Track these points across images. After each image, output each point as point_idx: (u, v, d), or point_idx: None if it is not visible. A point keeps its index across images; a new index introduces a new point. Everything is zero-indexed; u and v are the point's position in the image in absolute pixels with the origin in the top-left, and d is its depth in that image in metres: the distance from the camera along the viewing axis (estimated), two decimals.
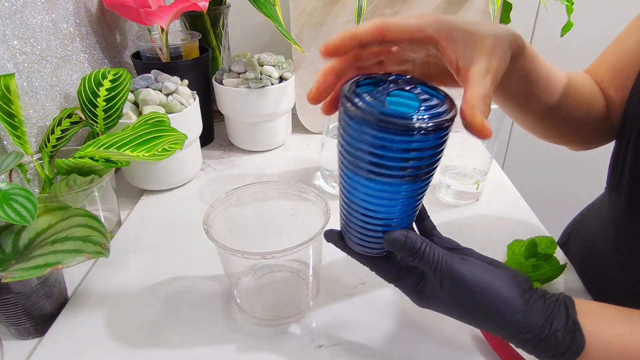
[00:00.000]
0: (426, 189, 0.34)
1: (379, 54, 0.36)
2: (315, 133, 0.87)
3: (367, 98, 0.30)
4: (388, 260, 0.37)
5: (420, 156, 0.30)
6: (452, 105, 0.31)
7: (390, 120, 0.28)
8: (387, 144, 0.29)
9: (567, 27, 0.78)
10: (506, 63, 0.34)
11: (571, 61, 1.21)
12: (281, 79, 0.76)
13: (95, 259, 0.52)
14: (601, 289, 0.49)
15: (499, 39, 0.33)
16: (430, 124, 0.29)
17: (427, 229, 0.40)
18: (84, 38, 0.69)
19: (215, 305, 0.48)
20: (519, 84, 0.40)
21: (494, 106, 0.57)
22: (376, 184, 0.32)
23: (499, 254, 0.53)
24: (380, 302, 0.48)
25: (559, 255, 0.55)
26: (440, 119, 0.29)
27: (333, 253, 0.55)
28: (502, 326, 0.33)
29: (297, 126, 0.88)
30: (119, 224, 0.62)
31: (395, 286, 0.37)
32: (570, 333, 0.31)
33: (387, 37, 0.32)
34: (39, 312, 0.45)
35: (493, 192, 0.68)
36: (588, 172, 1.15)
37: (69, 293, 0.50)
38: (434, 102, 0.31)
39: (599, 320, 0.32)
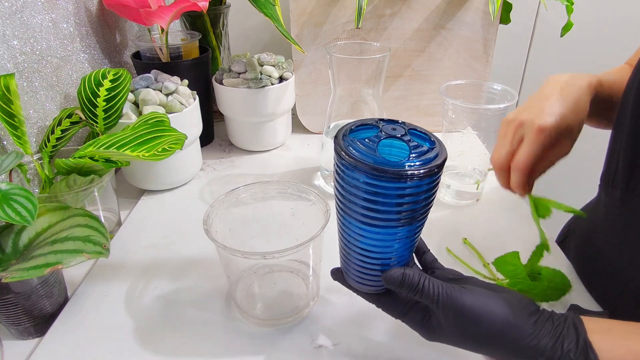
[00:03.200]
0: (422, 228, 0.35)
1: None
2: (315, 133, 0.87)
3: (360, 146, 0.31)
4: (392, 297, 0.37)
5: (414, 200, 0.31)
6: (442, 150, 0.32)
7: (382, 169, 0.29)
8: (381, 190, 0.30)
9: (567, 27, 0.78)
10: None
11: (571, 61, 1.22)
12: (281, 79, 0.76)
13: (95, 259, 0.52)
14: (600, 286, 0.49)
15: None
16: (421, 171, 0.30)
17: (429, 262, 0.41)
18: (84, 38, 0.69)
19: (215, 305, 0.48)
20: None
21: (494, 106, 0.57)
22: (372, 228, 0.33)
23: (499, 254, 0.53)
24: None
25: (558, 254, 0.55)
26: (431, 165, 0.30)
27: (333, 253, 0.55)
28: (513, 352, 0.33)
29: (297, 126, 0.88)
30: (119, 224, 0.62)
31: (402, 322, 0.37)
32: (582, 353, 0.31)
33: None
34: (39, 312, 0.45)
35: (493, 192, 0.68)
36: (586, 171, 1.15)
37: (69, 293, 0.50)
38: (424, 148, 0.32)
39: (611, 337, 0.32)
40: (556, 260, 0.54)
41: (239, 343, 0.44)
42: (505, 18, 0.81)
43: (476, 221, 0.62)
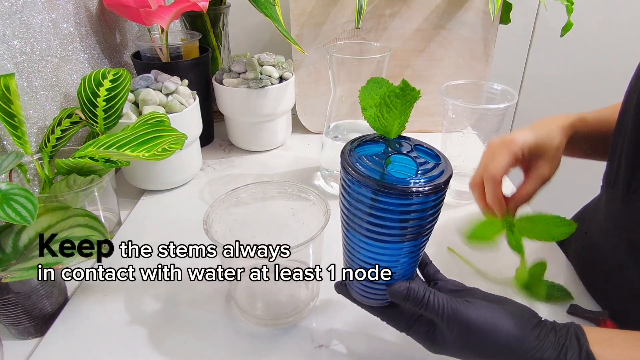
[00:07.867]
0: (427, 242, 0.35)
1: None
2: (315, 133, 0.87)
3: (367, 162, 0.31)
4: (397, 310, 0.38)
5: (420, 217, 0.31)
6: (448, 167, 0.32)
7: (389, 185, 0.30)
8: (387, 207, 0.30)
9: (567, 27, 0.78)
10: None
11: (571, 61, 1.22)
12: (281, 79, 0.76)
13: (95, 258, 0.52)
14: (600, 286, 0.49)
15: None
16: (427, 188, 0.30)
17: (431, 274, 0.41)
18: (84, 38, 0.69)
19: (215, 305, 0.48)
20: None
21: (494, 106, 0.57)
22: (377, 243, 0.33)
23: (498, 254, 0.53)
24: None
25: (558, 254, 0.55)
26: (436, 182, 0.30)
27: (333, 253, 0.55)
28: None
29: (297, 126, 0.88)
30: (119, 224, 0.62)
31: (407, 334, 0.38)
32: None
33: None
34: (39, 312, 0.45)
35: None
36: (586, 171, 1.15)
37: (69, 293, 0.50)
38: (430, 165, 0.32)
39: (612, 348, 0.33)
40: (556, 260, 0.54)
41: (239, 343, 0.44)
42: (505, 18, 0.81)
43: None
